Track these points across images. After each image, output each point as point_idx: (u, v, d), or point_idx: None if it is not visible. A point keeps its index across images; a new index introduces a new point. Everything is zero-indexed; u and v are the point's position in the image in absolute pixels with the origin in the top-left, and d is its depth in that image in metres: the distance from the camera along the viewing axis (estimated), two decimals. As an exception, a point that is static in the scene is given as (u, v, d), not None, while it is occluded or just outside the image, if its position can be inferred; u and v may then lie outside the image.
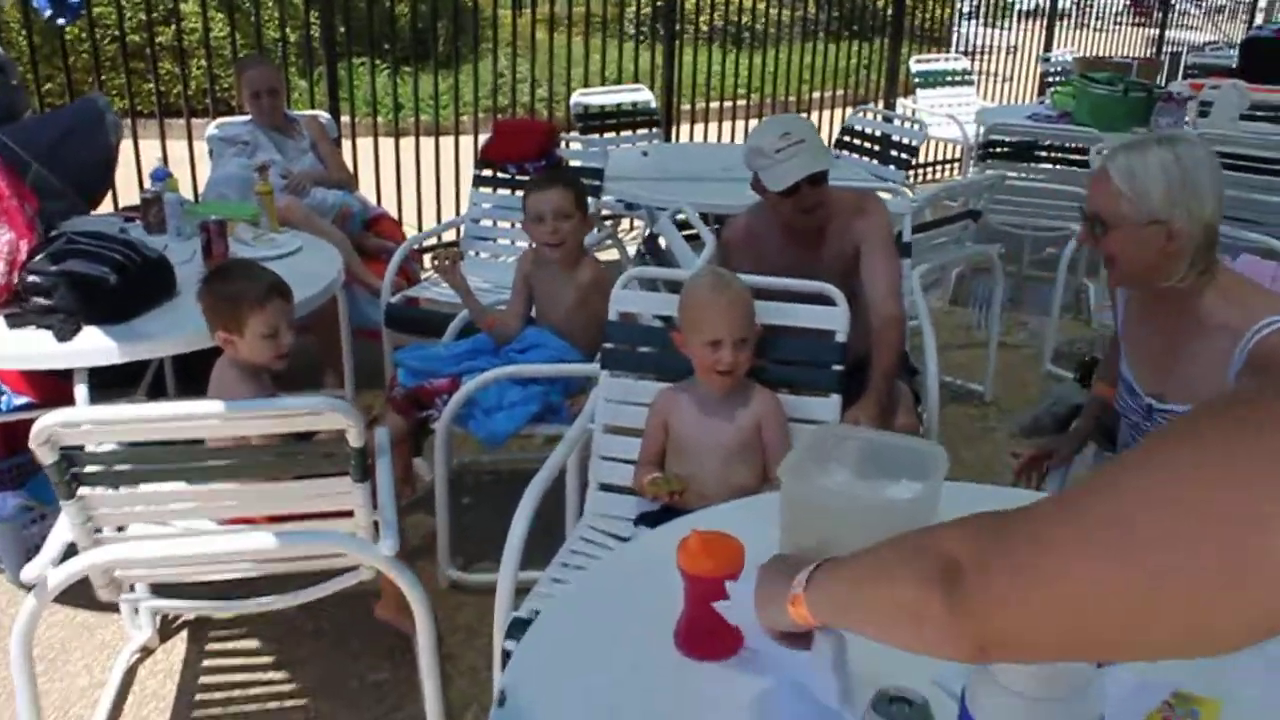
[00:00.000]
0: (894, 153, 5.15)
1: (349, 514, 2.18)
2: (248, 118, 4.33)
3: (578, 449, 2.57)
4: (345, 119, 5.40)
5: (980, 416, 4.33)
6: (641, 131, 5.70)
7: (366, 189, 5.47)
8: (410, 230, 5.70)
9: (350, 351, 3.75)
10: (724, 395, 2.36)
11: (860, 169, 4.99)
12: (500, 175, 4.38)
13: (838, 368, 2.51)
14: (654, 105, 5.76)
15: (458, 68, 7.51)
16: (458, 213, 5.33)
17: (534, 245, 3.15)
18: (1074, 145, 5.07)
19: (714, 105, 7.27)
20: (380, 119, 5.79)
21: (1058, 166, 5.15)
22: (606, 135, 5.51)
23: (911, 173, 5.22)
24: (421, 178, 5.69)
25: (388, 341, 3.95)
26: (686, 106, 6.91)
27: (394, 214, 5.43)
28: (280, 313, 2.35)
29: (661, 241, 3.37)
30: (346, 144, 5.25)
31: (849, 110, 8.33)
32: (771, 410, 2.39)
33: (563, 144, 4.48)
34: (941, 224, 4.09)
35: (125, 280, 2.73)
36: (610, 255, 5.39)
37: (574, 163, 4.38)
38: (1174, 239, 1.99)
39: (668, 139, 6.16)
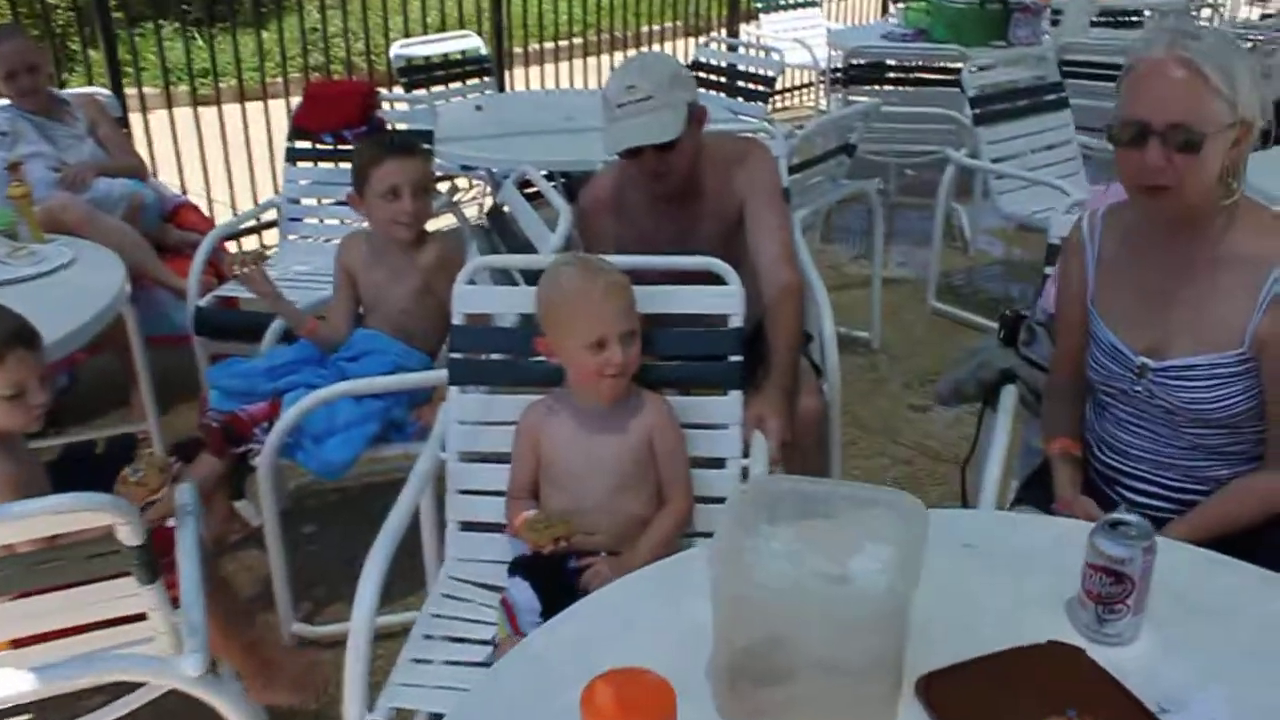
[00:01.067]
0: (748, 85, 4.75)
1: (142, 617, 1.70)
2: (5, 103, 3.65)
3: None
4: (134, 93, 4.70)
5: (870, 367, 4.02)
6: (472, 82, 5.15)
7: (168, 174, 4.82)
8: (224, 217, 5.08)
9: (150, 369, 3.18)
10: (608, 407, 1.94)
11: (718, 107, 4.56)
12: (318, 146, 3.81)
13: (736, 359, 2.10)
14: (484, 52, 5.20)
15: (261, 25, 6.78)
16: (276, 192, 4.74)
17: (367, 229, 2.63)
18: (939, 64, 4.76)
19: (548, 47, 6.74)
20: (182, 90, 5.13)
21: (925, 89, 4.85)
22: (434, 90, 4.95)
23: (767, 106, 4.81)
24: (230, 155, 5.04)
25: (201, 350, 3.39)
26: (519, 50, 6.37)
27: (204, 201, 4.80)
28: (23, 366, 1.81)
29: (507, 210, 2.90)
30: (138, 122, 4.58)
31: (690, 41, 7.92)
32: (663, 419, 1.98)
33: (384, 104, 3.92)
34: (815, 163, 3.72)
35: None
36: (447, 223, 4.89)
37: (399, 125, 3.84)
38: (1242, 144, 1.68)
39: (501, 88, 5.62)
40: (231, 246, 4.87)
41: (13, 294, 2.54)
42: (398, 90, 4.77)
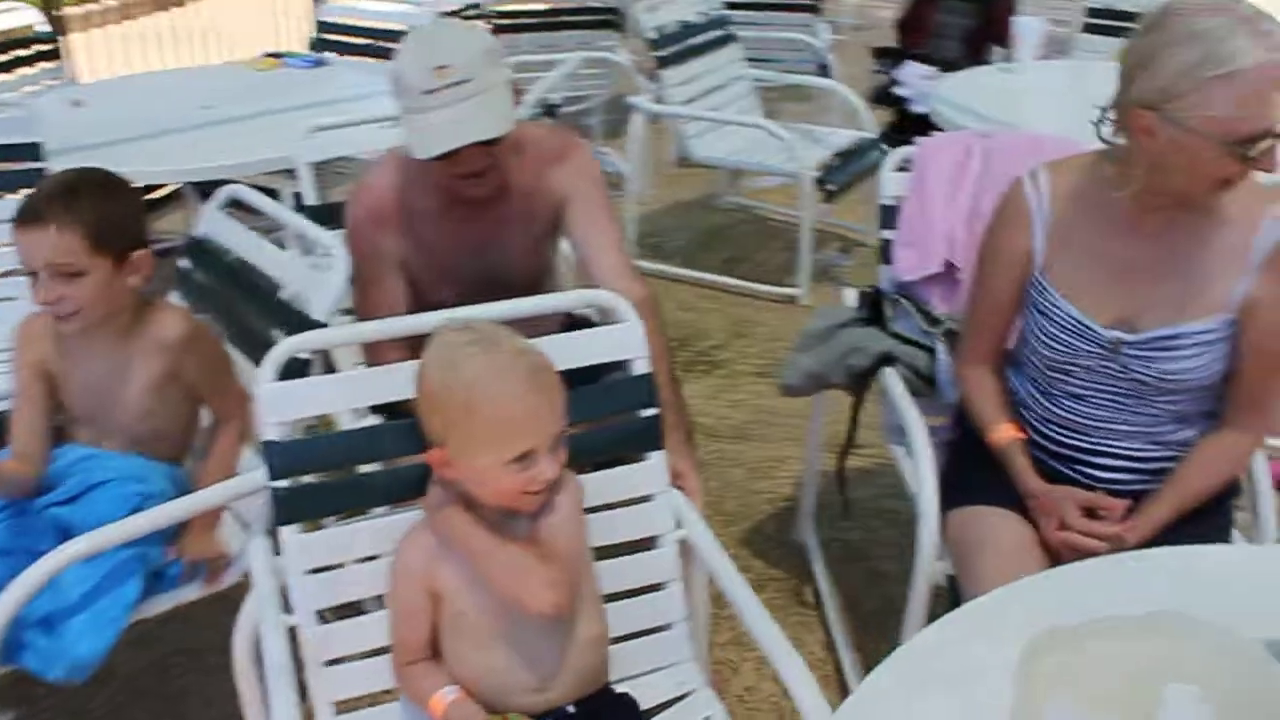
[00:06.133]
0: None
1: None
2: None
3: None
4: None
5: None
6: (27, 71, 4.04)
7: None
8: None
9: None
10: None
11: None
12: None
13: (650, 412, 1.66)
14: (46, 28, 4.11)
15: None
16: None
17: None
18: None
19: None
20: None
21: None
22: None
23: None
24: None
25: None
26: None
27: None
28: None
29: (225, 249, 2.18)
30: None
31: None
32: (577, 510, 1.51)
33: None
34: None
35: None
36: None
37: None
38: None
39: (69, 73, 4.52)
40: None
41: None
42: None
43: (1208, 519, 1.73)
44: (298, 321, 1.91)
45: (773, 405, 3.26)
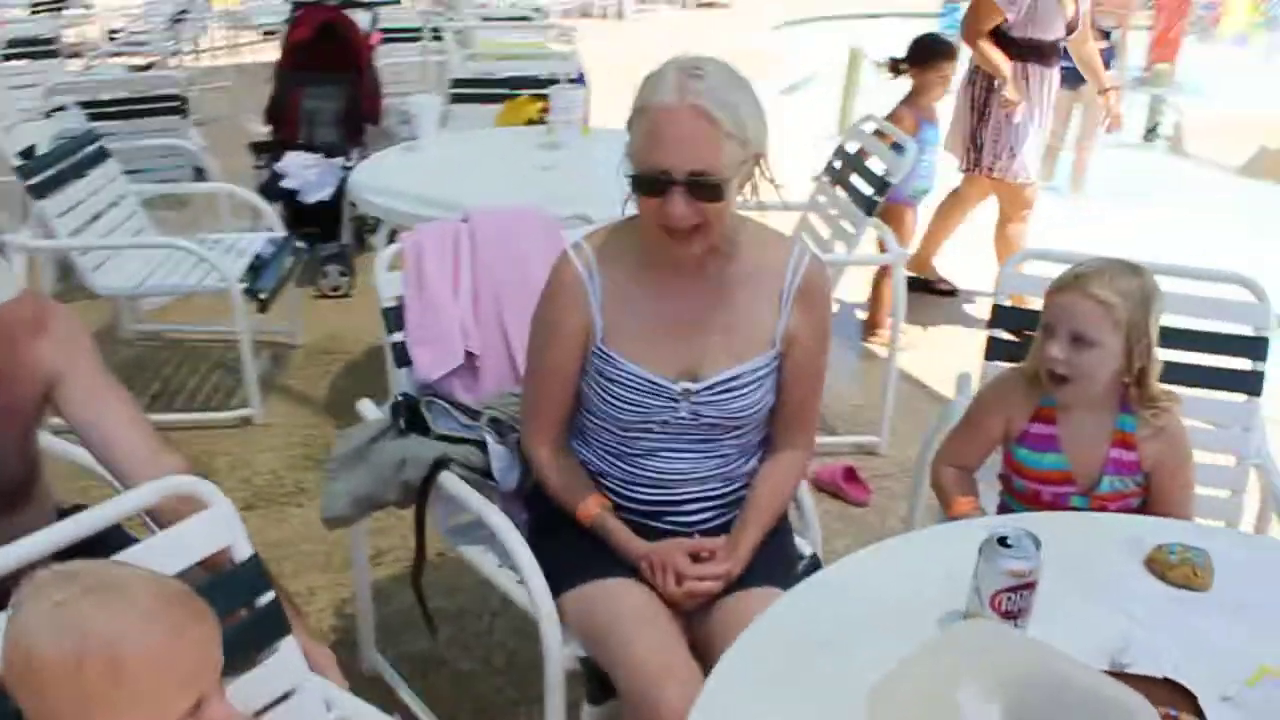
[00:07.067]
0: None
1: None
2: None
3: None
4: None
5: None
6: None
7: None
8: None
9: None
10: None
11: None
12: None
13: (269, 597, 1.45)
14: None
15: None
16: None
17: None
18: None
19: None
20: None
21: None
22: None
23: None
24: None
25: None
26: None
27: None
28: None
29: None
30: None
31: None
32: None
33: None
34: None
35: None
36: None
37: None
38: (754, 169, 1.70)
39: None
40: None
41: None
42: None
43: (779, 528, 1.92)
44: None
45: (276, 539, 3.02)
